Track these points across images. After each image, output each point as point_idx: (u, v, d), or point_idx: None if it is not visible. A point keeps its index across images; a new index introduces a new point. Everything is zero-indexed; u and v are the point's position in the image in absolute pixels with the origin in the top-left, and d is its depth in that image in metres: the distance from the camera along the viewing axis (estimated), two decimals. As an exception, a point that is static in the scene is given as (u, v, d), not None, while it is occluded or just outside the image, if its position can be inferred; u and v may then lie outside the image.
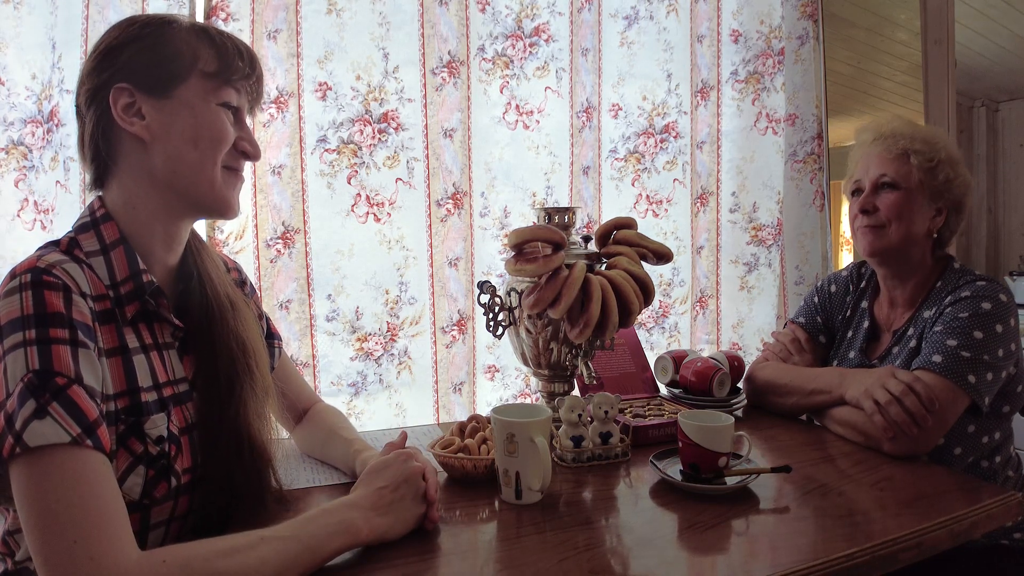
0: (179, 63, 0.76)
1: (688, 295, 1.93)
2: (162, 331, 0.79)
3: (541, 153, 1.72)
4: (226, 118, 0.79)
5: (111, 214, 0.77)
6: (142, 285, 0.75)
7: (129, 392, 0.72)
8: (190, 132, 0.76)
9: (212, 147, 0.78)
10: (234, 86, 0.79)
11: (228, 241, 1.43)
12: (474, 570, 0.74)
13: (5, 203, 1.28)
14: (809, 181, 1.98)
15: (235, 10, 1.40)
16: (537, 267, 1.03)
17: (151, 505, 0.73)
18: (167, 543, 0.76)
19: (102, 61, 0.76)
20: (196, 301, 0.83)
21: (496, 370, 1.71)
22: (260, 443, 0.84)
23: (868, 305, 1.34)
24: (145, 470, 0.72)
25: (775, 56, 1.94)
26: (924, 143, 1.21)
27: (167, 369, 0.78)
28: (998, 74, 3.38)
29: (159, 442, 0.73)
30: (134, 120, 0.75)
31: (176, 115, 0.76)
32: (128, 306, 0.74)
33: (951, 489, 0.94)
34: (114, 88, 0.74)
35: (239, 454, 0.81)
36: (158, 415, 0.74)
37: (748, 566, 0.76)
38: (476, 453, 0.96)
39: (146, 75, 0.75)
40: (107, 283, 0.73)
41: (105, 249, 0.74)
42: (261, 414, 0.86)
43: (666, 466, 0.98)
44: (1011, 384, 1.14)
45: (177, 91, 0.76)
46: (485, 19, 1.64)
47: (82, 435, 0.61)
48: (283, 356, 1.07)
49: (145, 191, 0.77)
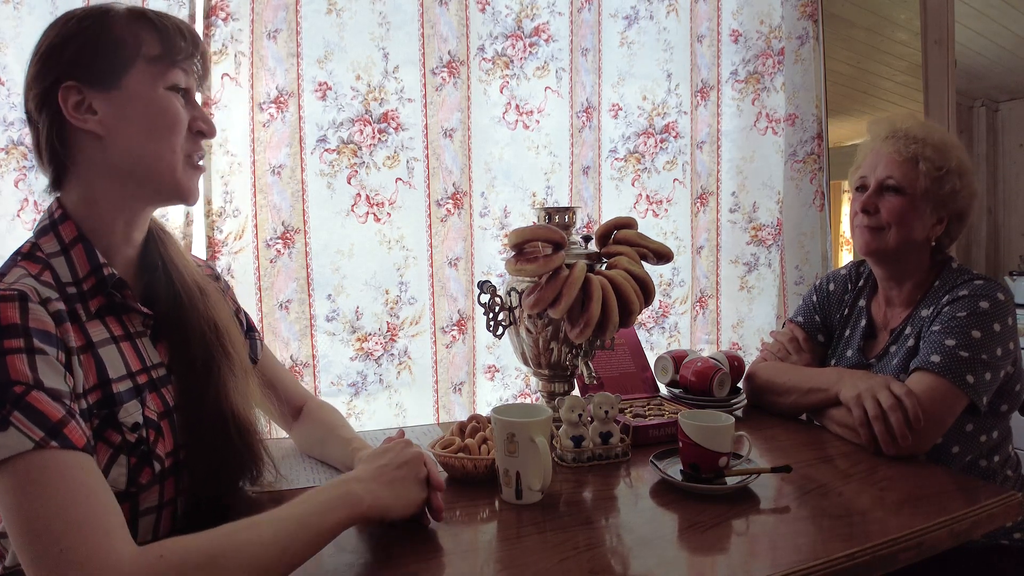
0: (122, 52, 0.75)
1: (688, 295, 1.93)
2: (131, 321, 0.80)
3: (541, 153, 1.72)
4: (176, 101, 0.79)
5: (68, 214, 0.77)
6: (104, 278, 0.75)
7: (100, 385, 0.72)
8: (144, 121, 0.76)
9: (168, 133, 0.78)
10: (180, 67, 0.79)
11: (227, 241, 1.43)
12: (474, 570, 0.74)
13: (5, 203, 1.28)
14: (809, 181, 1.98)
15: (235, 9, 1.39)
16: (537, 267, 1.03)
17: (138, 492, 0.73)
18: (159, 529, 0.76)
19: (46, 62, 0.75)
20: (164, 288, 0.83)
21: (496, 370, 1.71)
22: (245, 419, 0.84)
23: (866, 304, 1.34)
24: (127, 459, 0.72)
25: (775, 56, 1.94)
26: (935, 150, 1.18)
27: (141, 357, 0.79)
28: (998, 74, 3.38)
29: (135, 429, 0.73)
30: (87, 117, 0.74)
31: (127, 105, 0.75)
32: (91, 300, 0.75)
33: (951, 489, 0.94)
34: (62, 88, 0.73)
35: (226, 432, 0.82)
36: (130, 403, 0.74)
37: (748, 566, 0.76)
38: (476, 453, 0.96)
39: (91, 69, 0.74)
40: (69, 280, 0.74)
41: (65, 248, 0.75)
42: (243, 392, 0.86)
43: (666, 466, 0.98)
44: (1009, 383, 1.14)
45: (124, 81, 0.75)
46: (485, 19, 1.64)
47: (45, 438, 0.60)
48: (266, 351, 1.07)
49: (105, 184, 0.77)
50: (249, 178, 1.45)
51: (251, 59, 1.43)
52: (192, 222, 1.38)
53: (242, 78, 1.42)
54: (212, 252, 1.41)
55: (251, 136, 1.44)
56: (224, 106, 1.40)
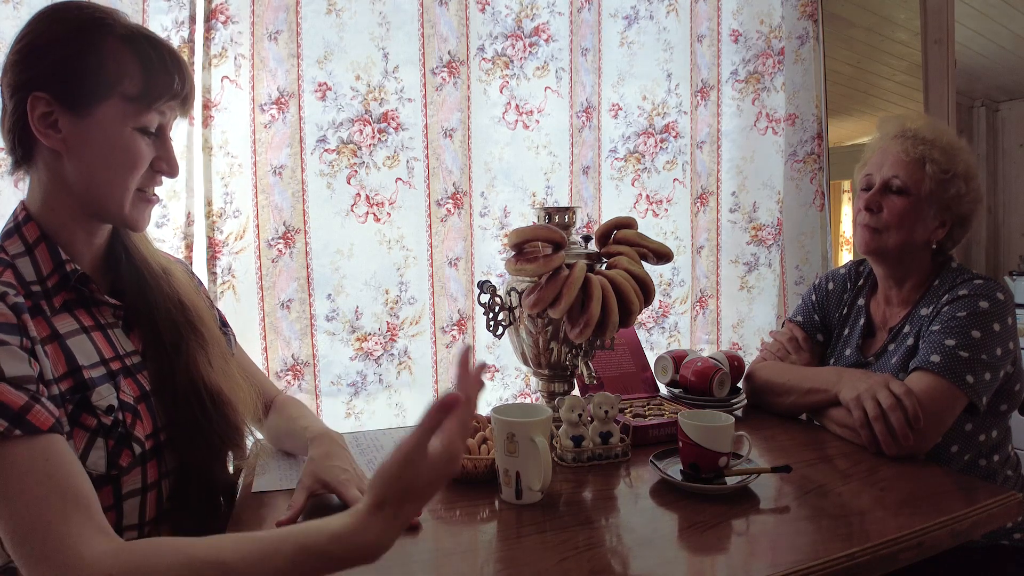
0: (102, 81, 0.73)
1: (688, 295, 1.93)
2: (102, 313, 0.80)
3: (541, 153, 1.72)
4: (142, 142, 0.78)
5: (31, 215, 0.77)
6: (67, 275, 0.76)
7: (71, 372, 0.72)
8: (104, 154, 0.76)
9: (124, 172, 0.77)
10: (157, 109, 0.78)
11: (228, 241, 1.43)
12: (474, 570, 0.74)
13: (5, 203, 1.28)
14: (809, 181, 1.98)
15: (234, 12, 1.40)
16: (537, 267, 1.03)
17: (120, 475, 0.73)
18: (145, 512, 0.77)
19: (25, 58, 0.74)
20: (129, 277, 0.84)
21: (496, 370, 1.71)
22: (221, 393, 0.85)
23: (865, 303, 1.34)
24: (104, 442, 0.72)
25: (775, 56, 1.94)
26: (943, 152, 1.18)
27: (113, 345, 0.79)
28: (998, 74, 3.38)
29: (109, 411, 0.74)
30: (50, 132, 0.74)
31: (91, 134, 0.75)
32: (55, 296, 0.75)
33: (951, 489, 0.94)
34: (32, 95, 0.72)
35: (202, 407, 0.82)
36: (103, 386, 0.74)
37: (748, 566, 0.76)
38: (476, 453, 0.96)
39: (66, 88, 0.73)
40: (33, 279, 0.74)
41: (29, 249, 0.75)
42: (217, 365, 0.86)
43: (666, 466, 0.98)
44: (1009, 382, 1.14)
45: (96, 110, 0.74)
46: (485, 19, 1.64)
47: (9, 427, 0.61)
48: (238, 347, 1.08)
49: (61, 196, 0.77)
50: (250, 179, 1.45)
51: (251, 61, 1.43)
52: (193, 222, 1.38)
53: (242, 80, 1.43)
54: (213, 252, 1.41)
55: (252, 137, 1.44)
56: (224, 108, 1.40)
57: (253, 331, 1.48)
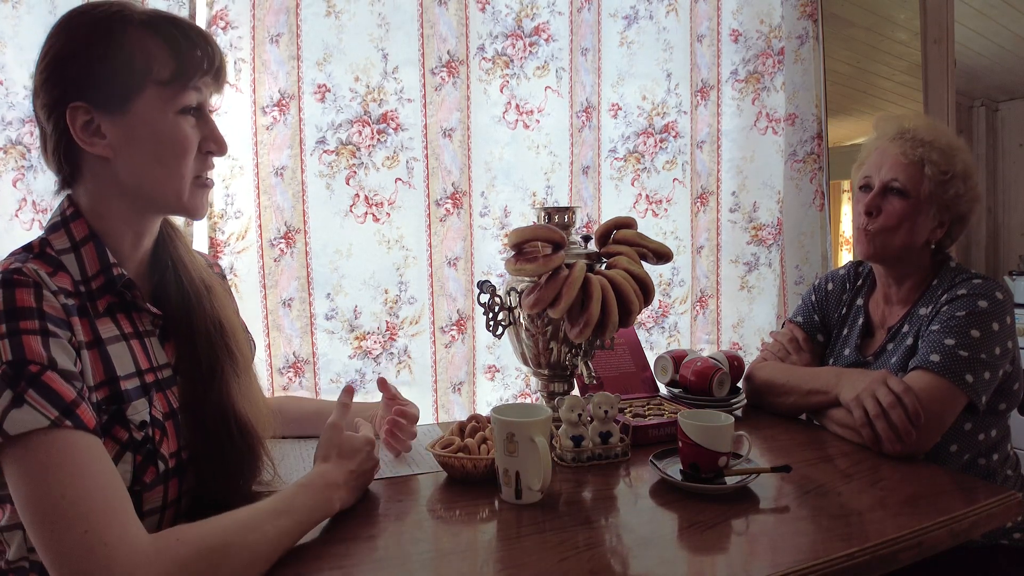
0: (132, 73, 0.73)
1: (688, 295, 1.93)
2: (141, 320, 0.80)
3: (541, 153, 1.72)
4: (186, 124, 0.77)
5: (80, 212, 0.76)
6: (113, 278, 0.75)
7: (108, 382, 0.72)
8: (153, 147, 0.75)
9: (177, 160, 0.77)
10: (193, 86, 0.77)
11: (230, 241, 1.43)
12: (474, 570, 0.74)
13: (3, 203, 1.28)
14: (809, 181, 1.98)
15: (234, 18, 1.40)
16: (537, 267, 1.03)
17: (142, 491, 0.73)
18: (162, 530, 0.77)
19: (52, 73, 0.73)
20: (173, 289, 0.84)
21: (496, 370, 1.71)
22: (247, 422, 0.85)
23: (864, 302, 1.34)
24: (133, 456, 0.72)
25: (775, 56, 1.94)
26: (942, 153, 1.18)
27: (149, 356, 0.79)
28: (998, 74, 3.38)
29: (142, 427, 0.74)
30: (95, 140, 0.73)
31: (136, 130, 0.74)
32: (100, 299, 0.75)
33: (951, 489, 0.94)
34: (70, 107, 0.72)
35: (228, 434, 0.82)
36: (139, 401, 0.74)
37: (748, 566, 0.76)
38: (476, 453, 0.96)
39: (100, 90, 0.72)
40: (78, 278, 0.74)
41: (75, 246, 0.75)
42: (247, 394, 0.86)
43: (666, 466, 0.98)
44: (1008, 382, 1.14)
45: (133, 105, 0.73)
46: (485, 19, 1.64)
47: (60, 417, 0.62)
48: None
49: (113, 199, 0.77)
50: (252, 180, 1.45)
51: (252, 64, 1.43)
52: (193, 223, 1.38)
53: (243, 83, 1.43)
54: (214, 252, 1.42)
55: (254, 139, 1.44)
56: (224, 112, 1.40)
57: (256, 329, 1.48)
